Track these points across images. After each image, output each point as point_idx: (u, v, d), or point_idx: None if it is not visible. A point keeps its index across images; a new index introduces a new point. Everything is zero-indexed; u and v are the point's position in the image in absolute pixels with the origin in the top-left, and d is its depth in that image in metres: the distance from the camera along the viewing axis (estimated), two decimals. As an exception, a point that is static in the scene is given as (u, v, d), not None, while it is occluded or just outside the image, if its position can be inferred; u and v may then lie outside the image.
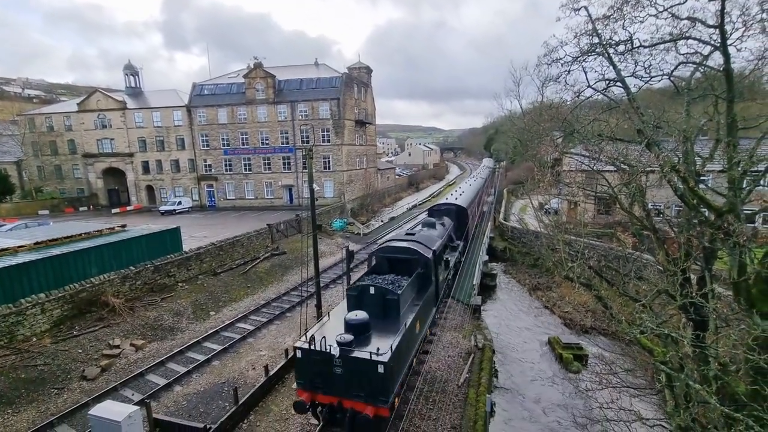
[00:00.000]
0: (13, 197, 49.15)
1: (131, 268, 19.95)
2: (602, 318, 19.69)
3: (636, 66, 10.15)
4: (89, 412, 9.96)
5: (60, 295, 16.63)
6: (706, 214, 8.47)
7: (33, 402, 12.79)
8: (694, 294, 6.44)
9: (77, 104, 51.44)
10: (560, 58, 10.98)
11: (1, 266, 15.64)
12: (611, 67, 10.28)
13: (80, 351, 15.31)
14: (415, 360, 13.51)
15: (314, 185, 18.40)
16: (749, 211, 8.24)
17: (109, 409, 9.87)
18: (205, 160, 49.70)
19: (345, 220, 42.49)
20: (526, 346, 19.54)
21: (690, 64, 9.67)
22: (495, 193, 61.42)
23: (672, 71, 9.67)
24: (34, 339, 15.34)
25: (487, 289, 26.31)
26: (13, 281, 15.69)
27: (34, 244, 18.75)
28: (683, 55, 9.62)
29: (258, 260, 26.77)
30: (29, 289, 16.14)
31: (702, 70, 9.83)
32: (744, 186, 7.94)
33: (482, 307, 21.59)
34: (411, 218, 43.24)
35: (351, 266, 16.16)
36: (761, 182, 8.42)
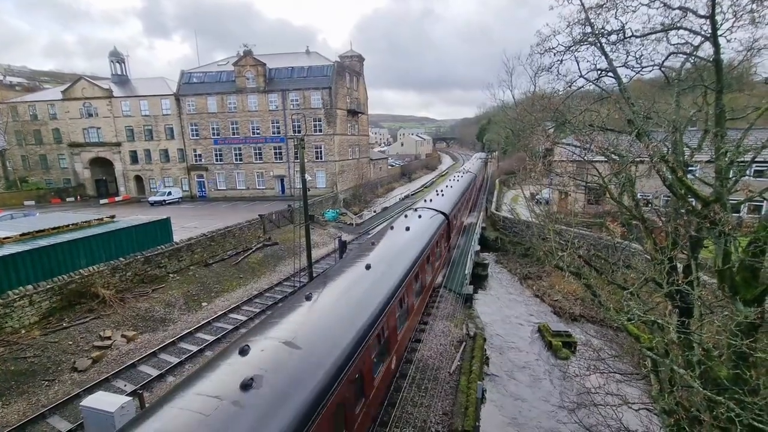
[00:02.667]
0: (-3, 188, 48.09)
1: (121, 259, 19.73)
2: (591, 306, 20.05)
3: (627, 56, 10.17)
4: (81, 404, 9.92)
5: (48, 286, 16.41)
6: (694, 203, 8.61)
7: (24, 394, 12.70)
8: (680, 282, 6.59)
9: (62, 92, 50.15)
10: (553, 48, 10.95)
11: (-13, 258, 15.36)
12: (603, 57, 10.30)
13: (70, 343, 15.19)
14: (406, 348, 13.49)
15: (306, 175, 18.30)
16: (735, 201, 8.40)
17: (101, 400, 9.84)
18: (194, 150, 49.00)
19: (337, 210, 42.39)
20: (516, 334, 19.85)
21: (681, 55, 9.72)
22: (486, 186, 61.35)
23: (663, 61, 9.72)
24: (23, 331, 15.17)
25: (479, 278, 26.57)
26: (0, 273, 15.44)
27: (21, 235, 18.41)
28: (674, 45, 9.67)
29: (250, 251, 26.65)
30: (16, 281, 15.90)
31: (692, 61, 9.90)
32: (731, 176, 8.07)
33: (474, 297, 21.84)
34: (404, 208, 43.05)
35: (344, 256, 16.16)
36: (747, 172, 8.55)
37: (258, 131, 47.01)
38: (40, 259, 16.85)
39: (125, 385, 13.37)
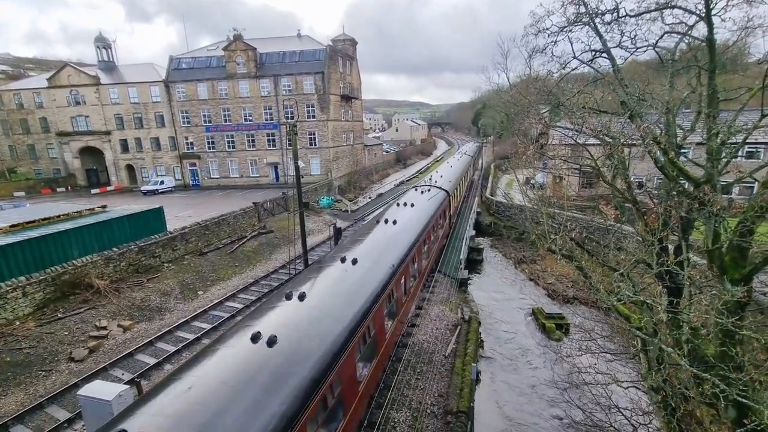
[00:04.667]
0: (-15, 179, 47.30)
1: (114, 249, 19.60)
2: (584, 288, 20.32)
3: (622, 36, 10.06)
4: (78, 393, 9.96)
5: (41, 278, 16.32)
6: (686, 185, 8.64)
7: (21, 384, 12.74)
8: (669, 262, 6.66)
9: (47, 80, 48.90)
10: (547, 29, 10.80)
11: (-23, 250, 15.21)
12: (597, 38, 10.17)
13: (66, 333, 15.19)
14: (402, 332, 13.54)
15: (300, 162, 18.12)
16: (725, 182, 8.44)
17: (98, 389, 9.87)
18: (186, 138, 48.29)
19: (332, 197, 42.24)
20: (511, 317, 20.12)
21: (675, 35, 9.62)
22: (481, 170, 61.09)
23: (657, 41, 9.62)
24: (18, 323, 15.13)
25: (474, 263, 26.76)
26: (-9, 265, 15.31)
27: (10, 226, 18.18)
28: (669, 25, 9.56)
29: (245, 239, 26.57)
30: (8, 272, 15.77)
31: (687, 41, 9.80)
32: (722, 157, 8.09)
33: (469, 281, 22.01)
34: (399, 194, 42.60)
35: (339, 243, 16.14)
36: (739, 153, 8.58)
37: (250, 118, 46.32)
38: (31, 250, 16.69)
39: (123, 374, 13.44)
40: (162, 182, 45.10)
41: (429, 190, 23.10)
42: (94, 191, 46.25)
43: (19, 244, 16.37)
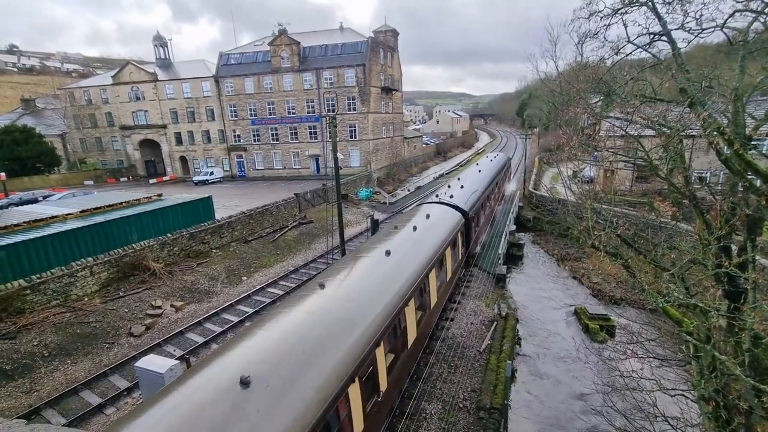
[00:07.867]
0: (60, 169, 52.29)
1: (168, 235, 21.05)
2: (633, 290, 19.13)
3: (685, 17, 9.19)
4: (135, 364, 10.89)
5: (106, 259, 17.90)
6: (758, 183, 7.82)
7: (88, 354, 14.14)
8: (727, 264, 6.09)
9: (111, 77, 52.99)
10: (599, 11, 10.10)
11: (55, 232, 16.95)
12: (656, 20, 9.37)
13: (126, 310, 16.60)
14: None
15: (339, 154, 18.42)
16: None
17: (153, 362, 10.75)
18: (234, 131, 50.54)
19: (371, 189, 42.57)
20: (551, 316, 19.41)
21: (748, 13, 8.65)
22: (524, 164, 58.66)
23: (725, 21, 8.68)
24: (86, 299, 16.74)
25: (514, 258, 26.03)
26: (64, 246, 17.00)
27: (81, 212, 20.05)
28: (740, 2, 8.61)
29: (286, 229, 27.52)
30: (78, 253, 17.45)
31: (762, 20, 8.79)
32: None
33: (508, 277, 21.46)
34: (438, 187, 41.97)
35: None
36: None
37: (293, 111, 47.59)
38: (97, 233, 18.35)
39: (174, 350, 14.52)
40: (212, 173, 47.64)
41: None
42: (151, 181, 49.80)
43: (88, 228, 18.04)
